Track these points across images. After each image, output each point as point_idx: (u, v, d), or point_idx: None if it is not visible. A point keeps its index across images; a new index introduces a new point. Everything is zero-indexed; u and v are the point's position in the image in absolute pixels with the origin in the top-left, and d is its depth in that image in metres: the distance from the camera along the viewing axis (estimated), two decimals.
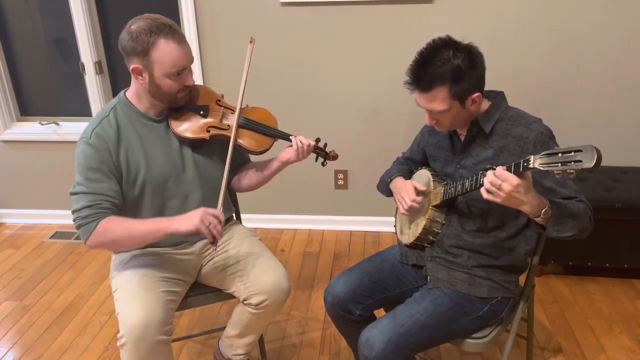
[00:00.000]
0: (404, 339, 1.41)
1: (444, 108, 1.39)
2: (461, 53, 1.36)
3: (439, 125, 1.48)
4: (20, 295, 2.57)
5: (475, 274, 1.53)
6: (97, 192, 1.50)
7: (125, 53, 1.51)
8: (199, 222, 1.46)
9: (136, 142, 1.58)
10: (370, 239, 3.00)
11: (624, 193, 2.37)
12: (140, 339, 1.46)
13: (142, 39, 1.46)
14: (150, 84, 1.53)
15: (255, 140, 1.70)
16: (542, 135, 1.41)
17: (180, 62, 1.51)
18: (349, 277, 1.63)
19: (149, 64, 1.49)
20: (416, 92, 1.42)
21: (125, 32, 1.49)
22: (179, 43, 1.49)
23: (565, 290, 2.45)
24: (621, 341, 2.12)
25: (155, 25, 1.47)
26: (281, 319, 2.33)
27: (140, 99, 1.60)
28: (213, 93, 1.72)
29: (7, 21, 3.00)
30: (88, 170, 1.51)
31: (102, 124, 1.55)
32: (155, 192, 1.62)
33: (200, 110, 1.66)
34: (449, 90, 1.36)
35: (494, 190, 1.24)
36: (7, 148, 3.15)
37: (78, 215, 1.49)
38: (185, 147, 1.66)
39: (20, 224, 3.30)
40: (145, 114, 1.61)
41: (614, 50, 2.55)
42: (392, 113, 2.80)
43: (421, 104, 1.43)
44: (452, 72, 1.35)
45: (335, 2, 2.62)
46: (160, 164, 1.61)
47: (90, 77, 2.97)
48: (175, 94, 1.56)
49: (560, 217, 1.32)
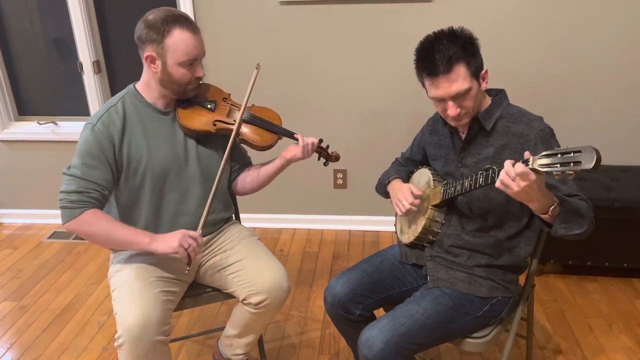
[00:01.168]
0: (404, 338, 1.41)
1: (468, 86, 1.38)
2: (454, 37, 1.38)
3: (463, 109, 1.42)
4: (19, 295, 2.56)
5: (475, 273, 1.53)
6: (90, 179, 1.53)
7: (140, 41, 1.54)
8: (177, 246, 1.51)
9: (140, 132, 1.60)
10: (369, 238, 2.99)
11: (623, 192, 2.37)
12: (138, 339, 1.45)
13: (158, 27, 1.51)
14: (163, 72, 1.56)
15: (260, 136, 1.71)
16: (543, 132, 1.40)
17: (193, 52, 1.55)
18: (348, 277, 1.63)
19: (163, 52, 1.52)
20: (436, 81, 1.38)
21: (141, 22, 1.54)
22: (193, 33, 1.54)
23: (565, 290, 2.45)
24: (621, 340, 2.12)
25: (171, 15, 1.52)
26: (280, 318, 2.33)
27: (150, 89, 1.62)
28: (221, 91, 1.77)
29: (5, 20, 2.99)
30: (87, 155, 1.54)
31: (109, 112, 1.58)
32: (155, 183, 1.63)
33: (208, 104, 1.69)
34: (467, 65, 1.37)
35: (508, 182, 1.23)
36: (5, 148, 3.14)
37: (66, 197, 1.52)
38: (190, 141, 1.68)
39: (19, 224, 3.29)
40: (153, 105, 1.63)
41: (613, 49, 2.55)
42: (391, 112, 2.80)
43: (443, 92, 1.39)
44: (462, 49, 1.36)
45: (334, 1, 2.61)
46: (162, 155, 1.63)
47: (89, 76, 2.96)
48: (185, 85, 1.59)
49: (567, 214, 1.32)
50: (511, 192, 1.24)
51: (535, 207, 1.29)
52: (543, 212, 1.31)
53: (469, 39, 1.39)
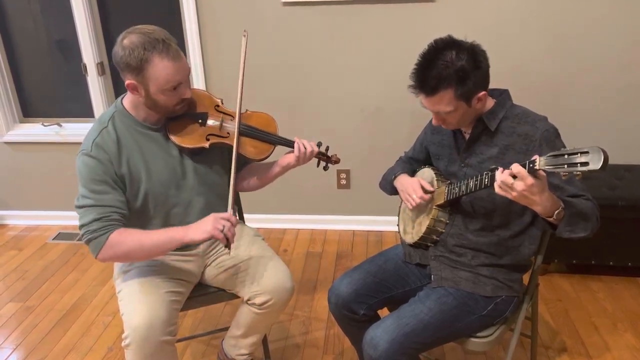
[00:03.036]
0: (409, 338, 1.41)
1: (450, 109, 1.38)
2: (464, 53, 1.34)
3: (445, 124, 1.47)
4: (24, 296, 2.57)
5: (480, 272, 1.53)
6: (105, 204, 1.47)
7: (119, 68, 1.47)
8: (212, 229, 1.45)
9: (136, 152, 1.56)
10: (373, 238, 2.99)
11: (627, 191, 2.37)
12: (145, 340, 1.46)
13: (136, 56, 1.41)
14: (147, 99, 1.50)
15: (255, 148, 1.67)
16: (548, 133, 1.40)
17: (175, 78, 1.47)
18: (352, 277, 1.63)
19: (144, 80, 1.46)
20: (421, 96, 1.41)
21: (118, 46, 1.45)
22: (174, 59, 1.45)
23: (569, 289, 2.45)
24: (626, 339, 2.11)
25: (149, 41, 1.42)
26: (284, 319, 2.33)
27: (137, 109, 1.57)
28: (211, 98, 1.69)
29: (10, 22, 3.00)
30: (92, 182, 1.48)
31: (101, 134, 1.52)
32: (157, 202, 1.60)
33: (199, 119, 1.62)
34: (455, 92, 1.35)
35: (505, 188, 1.24)
36: (9, 149, 3.15)
37: (87, 229, 1.45)
38: (185, 155, 1.64)
39: (24, 225, 3.30)
40: (143, 123, 1.58)
41: (617, 47, 2.55)
42: (394, 112, 2.80)
43: (427, 107, 1.43)
44: (456, 74, 1.33)
45: (337, 2, 2.61)
46: (160, 173, 1.59)
47: (93, 78, 2.97)
48: (172, 107, 1.54)
49: (572, 216, 1.31)
50: (511, 196, 1.24)
51: (540, 210, 1.29)
52: (548, 215, 1.30)
53: (470, 63, 1.34)
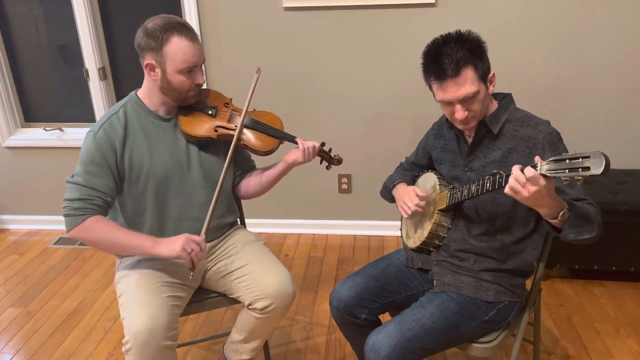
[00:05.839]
0: (411, 343, 1.41)
1: (476, 89, 1.38)
2: (462, 40, 1.38)
3: (471, 112, 1.42)
4: (25, 301, 2.57)
5: (482, 278, 1.52)
6: (93, 187, 1.54)
7: (140, 49, 1.56)
8: (180, 250, 1.52)
9: (142, 138, 1.62)
10: (374, 243, 2.99)
11: (629, 196, 2.36)
12: (145, 344, 1.46)
13: (157, 35, 1.52)
14: (162, 80, 1.57)
15: (261, 141, 1.72)
16: (551, 136, 1.40)
17: (192, 59, 1.55)
18: (354, 281, 1.62)
19: (162, 60, 1.54)
20: (444, 84, 1.38)
21: (140, 30, 1.55)
22: (192, 40, 1.55)
23: (572, 294, 2.44)
24: (628, 345, 2.10)
25: (170, 23, 1.53)
26: (286, 324, 2.32)
27: (151, 96, 1.64)
28: (222, 96, 1.77)
29: (12, 27, 3.01)
30: (90, 163, 1.55)
31: (111, 119, 1.59)
32: (158, 190, 1.64)
33: (209, 110, 1.70)
34: (475, 69, 1.37)
35: (518, 189, 1.23)
36: (11, 154, 3.15)
37: (69, 204, 1.53)
38: (192, 147, 1.69)
39: (25, 230, 3.30)
40: (155, 112, 1.65)
41: (618, 52, 2.55)
42: (395, 117, 2.80)
43: (451, 96, 1.39)
44: (470, 52, 1.36)
45: (338, 7, 2.62)
46: (163, 161, 1.64)
47: (94, 83, 2.97)
48: (185, 92, 1.60)
49: (577, 219, 1.31)
50: (521, 197, 1.24)
51: (545, 212, 1.29)
52: (553, 217, 1.30)
53: (476, 42, 1.39)
